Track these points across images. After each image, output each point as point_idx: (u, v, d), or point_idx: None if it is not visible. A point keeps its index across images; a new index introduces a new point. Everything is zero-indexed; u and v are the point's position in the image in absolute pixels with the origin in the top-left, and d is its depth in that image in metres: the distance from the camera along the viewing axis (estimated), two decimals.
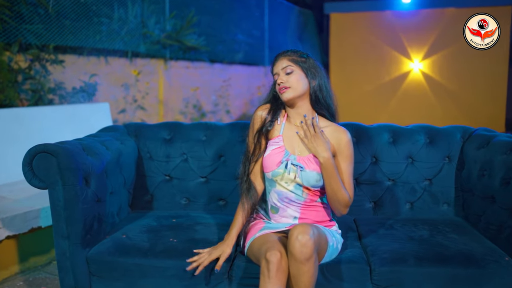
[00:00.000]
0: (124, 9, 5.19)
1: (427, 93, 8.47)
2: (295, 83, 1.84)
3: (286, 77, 1.85)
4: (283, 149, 1.88)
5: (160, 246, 1.93)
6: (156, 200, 2.45)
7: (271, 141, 1.91)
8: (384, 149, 2.38)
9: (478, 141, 2.27)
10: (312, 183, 1.83)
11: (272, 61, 1.94)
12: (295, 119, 1.91)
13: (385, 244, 1.96)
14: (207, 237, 2.00)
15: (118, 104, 5.12)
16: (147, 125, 2.54)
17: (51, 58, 3.90)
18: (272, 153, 1.87)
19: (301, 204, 1.88)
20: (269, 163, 1.86)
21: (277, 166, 1.84)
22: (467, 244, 1.95)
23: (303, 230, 1.62)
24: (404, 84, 8.60)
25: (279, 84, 1.85)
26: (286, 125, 1.92)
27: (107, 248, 1.93)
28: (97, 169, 2.01)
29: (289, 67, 1.85)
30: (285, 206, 1.88)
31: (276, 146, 1.89)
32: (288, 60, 1.87)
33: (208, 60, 6.66)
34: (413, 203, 2.39)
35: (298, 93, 1.84)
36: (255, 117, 1.96)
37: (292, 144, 1.90)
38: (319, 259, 1.77)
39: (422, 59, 8.41)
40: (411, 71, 8.51)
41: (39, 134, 3.38)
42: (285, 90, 1.84)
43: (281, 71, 1.86)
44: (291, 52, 1.90)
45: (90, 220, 1.94)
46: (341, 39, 8.91)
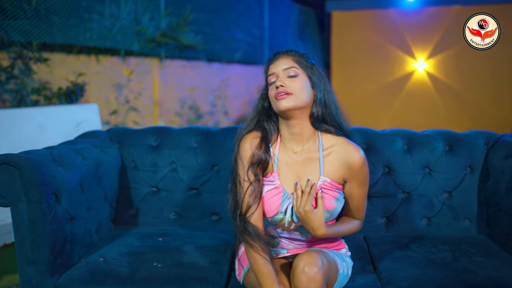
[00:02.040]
0: (116, 5, 4.92)
1: (432, 94, 8.22)
2: (299, 90, 1.47)
3: (289, 81, 1.48)
4: (281, 189, 1.52)
5: (142, 272, 1.66)
6: (141, 215, 2.19)
7: (265, 179, 1.54)
8: (397, 157, 2.12)
9: (505, 149, 2.00)
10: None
11: (269, 60, 1.56)
12: (291, 143, 1.54)
13: (402, 270, 1.70)
14: (196, 260, 1.74)
15: (110, 105, 4.85)
16: (131, 130, 2.27)
17: (34, 56, 3.63)
18: (267, 195, 1.51)
19: (307, 240, 1.58)
20: (266, 208, 1.52)
21: (276, 211, 1.50)
22: (498, 270, 1.68)
23: (310, 261, 1.36)
24: (408, 84, 8.36)
25: (277, 87, 1.46)
26: (280, 153, 1.55)
27: (80, 275, 1.66)
28: (70, 183, 1.74)
29: (293, 69, 1.49)
30: (288, 242, 1.60)
31: (272, 186, 1.52)
32: (293, 60, 1.51)
33: (206, 59, 6.40)
34: (430, 219, 2.12)
35: (300, 103, 1.47)
36: (242, 149, 1.53)
37: (290, 180, 1.53)
38: None
39: (427, 58, 8.16)
40: (415, 71, 8.27)
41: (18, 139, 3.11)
42: (285, 97, 1.45)
43: (281, 72, 1.50)
44: (296, 52, 1.55)
45: (60, 242, 1.67)
46: (343, 38, 8.67)
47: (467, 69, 7.95)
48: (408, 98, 8.35)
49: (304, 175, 1.53)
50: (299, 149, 1.54)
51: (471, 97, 8.02)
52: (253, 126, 1.57)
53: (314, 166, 1.53)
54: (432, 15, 8.08)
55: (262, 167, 1.53)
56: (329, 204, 1.51)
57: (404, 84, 8.38)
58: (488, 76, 7.89)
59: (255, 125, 1.57)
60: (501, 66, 7.77)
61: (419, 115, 8.11)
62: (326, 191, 1.51)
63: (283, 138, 1.56)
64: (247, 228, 1.47)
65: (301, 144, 1.55)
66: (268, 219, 1.55)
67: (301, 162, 1.54)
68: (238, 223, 1.49)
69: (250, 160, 1.51)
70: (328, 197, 1.51)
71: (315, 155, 1.54)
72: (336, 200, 1.52)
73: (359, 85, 8.55)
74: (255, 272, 1.45)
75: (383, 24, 8.38)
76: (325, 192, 1.51)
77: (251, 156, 1.52)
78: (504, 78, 7.84)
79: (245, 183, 1.51)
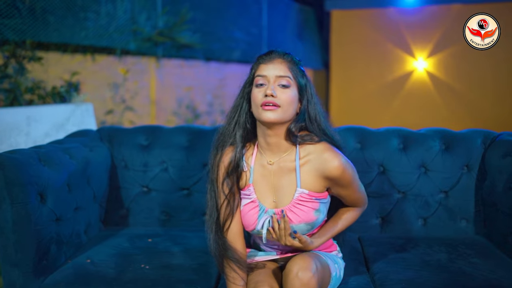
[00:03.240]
0: (112, 4, 4.88)
1: (432, 93, 8.17)
2: (287, 104, 1.37)
3: (280, 91, 1.38)
4: (257, 203, 1.46)
5: (129, 275, 1.62)
6: (132, 215, 2.15)
7: (242, 193, 1.49)
8: (393, 157, 2.07)
9: (503, 148, 1.96)
10: (304, 233, 1.45)
11: (262, 57, 1.44)
12: (267, 153, 1.46)
13: (396, 272, 1.65)
14: (184, 262, 1.70)
15: (105, 105, 4.81)
16: (122, 129, 2.23)
17: (28, 54, 3.59)
18: (245, 209, 1.47)
19: (291, 249, 1.52)
20: (245, 222, 1.48)
21: (254, 225, 1.46)
22: (495, 272, 1.64)
23: (304, 266, 1.31)
24: (408, 83, 8.31)
25: (267, 95, 1.37)
26: (256, 165, 1.48)
27: (65, 277, 1.62)
28: (56, 183, 1.70)
29: (287, 78, 1.39)
30: (274, 250, 1.55)
31: (248, 200, 1.47)
32: (288, 68, 1.40)
33: (203, 58, 6.35)
34: (426, 219, 2.07)
35: (285, 117, 1.38)
36: (219, 168, 1.48)
37: (266, 193, 1.47)
38: None
39: (427, 57, 8.12)
40: (415, 70, 8.22)
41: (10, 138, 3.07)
42: (272, 109, 1.35)
43: (274, 79, 1.39)
44: (292, 58, 1.44)
45: (46, 243, 1.63)
46: (342, 37, 8.62)
47: (467, 68, 7.89)
48: (408, 97, 8.30)
49: (280, 187, 1.46)
50: (275, 160, 1.47)
51: (471, 96, 7.97)
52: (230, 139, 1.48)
53: (291, 178, 1.45)
54: (432, 13, 8.03)
55: (237, 179, 1.48)
56: (309, 216, 1.43)
57: (403, 83, 8.33)
58: (488, 75, 7.84)
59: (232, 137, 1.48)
60: (502, 65, 7.71)
61: (419, 114, 8.05)
62: (305, 203, 1.44)
63: (260, 146, 1.49)
64: (224, 246, 1.45)
65: (277, 155, 1.47)
66: (251, 232, 1.50)
67: (277, 174, 1.46)
68: (216, 240, 1.47)
69: (225, 173, 1.47)
70: (307, 209, 1.43)
71: (291, 165, 1.45)
72: (316, 212, 1.45)
73: (358, 84, 8.50)
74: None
75: (382, 23, 8.33)
76: (303, 204, 1.44)
77: (226, 170, 1.47)
78: (504, 77, 7.78)
79: (221, 196, 1.47)
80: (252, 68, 1.47)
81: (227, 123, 1.49)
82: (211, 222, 1.48)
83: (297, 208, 1.44)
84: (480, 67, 7.82)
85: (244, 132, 1.47)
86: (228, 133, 1.48)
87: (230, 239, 1.48)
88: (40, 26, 4.07)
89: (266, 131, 1.43)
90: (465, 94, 7.99)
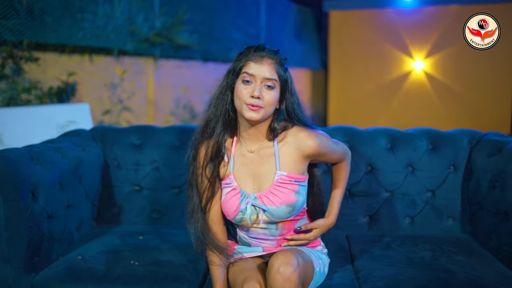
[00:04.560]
0: (110, 5, 4.91)
1: (430, 93, 8.20)
2: (270, 104, 1.45)
3: (265, 92, 1.43)
4: (238, 190, 1.52)
5: (119, 271, 1.65)
6: (124, 213, 2.18)
7: (223, 182, 1.55)
8: (381, 156, 2.11)
9: (488, 148, 1.99)
10: (285, 216, 1.51)
11: (251, 54, 1.45)
12: (247, 142, 1.53)
13: (380, 269, 1.69)
14: (173, 259, 1.74)
15: (103, 105, 4.85)
16: (114, 129, 2.27)
17: (24, 55, 3.62)
18: (227, 197, 1.52)
19: (277, 238, 1.57)
20: (227, 210, 1.52)
21: (236, 212, 1.50)
22: (477, 269, 1.67)
23: (286, 261, 1.35)
24: (406, 83, 8.34)
25: (253, 96, 1.42)
26: (236, 154, 1.54)
27: (56, 273, 1.66)
28: (48, 181, 1.74)
29: (273, 81, 1.44)
30: (258, 243, 1.59)
31: (230, 188, 1.53)
32: (275, 70, 1.45)
33: (201, 59, 6.38)
34: (413, 218, 2.11)
35: (265, 116, 1.46)
36: (199, 157, 1.54)
37: (247, 180, 1.53)
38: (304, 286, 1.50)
39: (425, 57, 8.14)
40: (413, 70, 8.25)
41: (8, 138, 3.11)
42: (256, 109, 1.42)
43: (261, 80, 1.43)
44: (279, 57, 1.48)
45: (37, 240, 1.66)
46: (340, 37, 8.65)
47: (465, 69, 7.91)
48: (406, 97, 8.32)
49: (260, 173, 1.52)
50: (255, 147, 1.53)
51: (469, 96, 7.99)
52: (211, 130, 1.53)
53: (270, 163, 1.52)
54: (429, 14, 8.06)
55: (218, 164, 1.54)
56: (289, 198, 1.49)
57: (401, 84, 8.36)
58: (486, 76, 7.86)
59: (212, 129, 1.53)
60: (500, 66, 7.73)
61: (417, 114, 8.08)
62: (284, 185, 1.50)
63: (240, 136, 1.55)
64: (204, 230, 1.51)
65: (257, 143, 1.54)
66: (233, 221, 1.54)
67: (257, 161, 1.53)
68: (196, 225, 1.52)
69: (208, 158, 1.52)
70: (287, 191, 1.49)
71: (270, 150, 1.52)
72: (295, 193, 1.50)
73: (356, 85, 8.52)
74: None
75: (380, 23, 8.36)
76: (282, 186, 1.50)
77: (209, 155, 1.52)
78: (502, 77, 7.80)
79: (204, 180, 1.52)
80: (240, 60, 1.48)
81: (211, 111, 1.53)
82: (192, 206, 1.54)
83: (277, 191, 1.49)
84: (478, 68, 7.84)
85: (227, 120, 1.52)
86: (211, 120, 1.53)
87: (210, 223, 1.54)
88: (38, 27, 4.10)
89: (247, 124, 1.50)
90: (463, 95, 8.01)
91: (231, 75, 1.49)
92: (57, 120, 3.56)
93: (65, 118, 3.61)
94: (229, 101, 1.50)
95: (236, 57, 1.51)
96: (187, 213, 1.57)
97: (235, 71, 1.48)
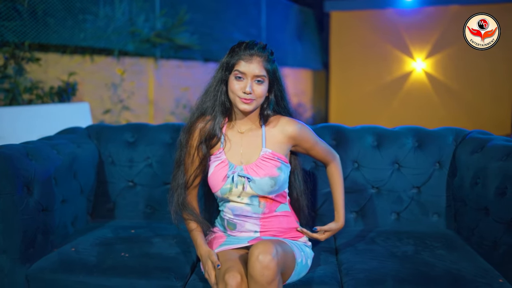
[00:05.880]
0: (110, 7, 4.99)
1: (430, 93, 8.22)
2: (260, 96, 1.63)
3: (255, 86, 1.61)
4: (226, 162, 1.67)
5: (109, 262, 1.72)
6: (118, 209, 2.25)
7: (212, 157, 1.70)
8: (367, 153, 2.16)
9: (472, 145, 2.04)
10: (267, 189, 1.64)
11: (242, 53, 1.60)
12: (238, 125, 1.72)
13: (362, 262, 1.74)
14: (162, 251, 1.80)
15: (104, 104, 4.93)
16: (109, 126, 2.33)
17: (26, 56, 3.71)
18: (215, 170, 1.67)
19: (259, 217, 1.67)
20: (215, 181, 1.67)
21: (224, 182, 1.64)
22: (457, 263, 1.72)
23: (264, 249, 1.42)
24: (407, 84, 8.37)
25: (245, 92, 1.59)
26: (228, 134, 1.72)
27: (50, 264, 1.73)
28: (43, 176, 1.81)
29: (262, 77, 1.61)
30: (242, 221, 1.68)
31: (219, 161, 1.68)
32: (264, 67, 1.61)
33: (202, 59, 6.46)
34: (399, 214, 2.16)
35: (257, 106, 1.65)
36: (193, 131, 1.71)
37: (235, 155, 1.69)
38: (285, 279, 1.56)
39: (425, 58, 8.17)
40: (413, 70, 8.28)
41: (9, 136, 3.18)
42: (249, 102, 1.61)
43: (252, 77, 1.59)
44: (266, 52, 1.63)
45: (32, 232, 1.73)
46: (341, 38, 8.69)
47: (466, 69, 7.94)
48: (406, 97, 8.36)
49: (248, 150, 1.69)
50: (245, 129, 1.71)
51: (469, 96, 8.01)
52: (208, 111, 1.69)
53: (257, 142, 1.69)
54: (430, 15, 8.09)
55: (211, 144, 1.70)
56: (272, 171, 1.64)
57: (402, 84, 8.39)
58: (486, 76, 7.88)
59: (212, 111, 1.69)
60: (500, 66, 7.75)
61: (417, 114, 8.11)
62: (268, 160, 1.66)
63: (233, 120, 1.72)
64: (184, 202, 1.68)
65: (247, 126, 1.72)
66: (218, 193, 1.66)
67: (246, 140, 1.70)
68: (177, 198, 1.69)
69: (198, 142, 1.69)
70: (271, 166, 1.65)
71: (258, 132, 1.71)
72: (278, 169, 1.65)
73: (357, 85, 8.57)
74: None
75: (381, 24, 8.40)
76: (266, 161, 1.66)
77: (199, 137, 1.69)
78: (502, 77, 7.82)
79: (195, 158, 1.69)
80: (232, 56, 1.62)
81: (208, 100, 1.69)
82: (176, 183, 1.70)
83: (262, 164, 1.65)
84: (478, 68, 7.86)
85: (224, 109, 1.70)
86: (208, 107, 1.69)
87: (190, 198, 1.74)
88: (40, 28, 4.19)
89: (241, 113, 1.69)
90: (463, 95, 8.04)
91: (225, 70, 1.64)
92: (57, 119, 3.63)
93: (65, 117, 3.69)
94: (224, 92, 1.66)
95: (229, 49, 1.66)
96: (170, 189, 1.73)
97: (228, 67, 1.63)
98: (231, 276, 1.45)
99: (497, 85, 7.87)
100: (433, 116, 8.02)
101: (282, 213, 1.72)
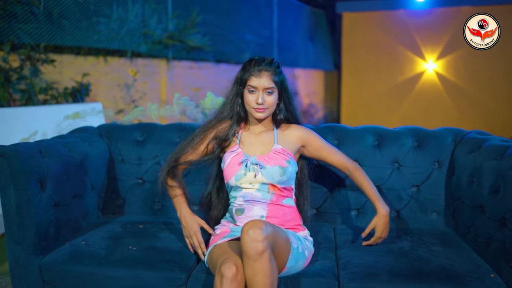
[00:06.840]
0: (124, 9, 5.12)
1: (442, 95, 8.20)
2: (272, 105, 1.85)
3: (266, 97, 1.83)
4: (242, 154, 1.88)
5: (117, 254, 1.81)
6: (127, 205, 2.34)
7: (229, 151, 1.91)
8: (367, 153, 2.22)
9: (469, 145, 2.09)
10: (277, 178, 1.82)
11: (252, 69, 1.82)
12: (254, 127, 1.94)
13: (359, 257, 1.80)
14: (168, 245, 1.88)
15: (117, 105, 5.05)
16: (119, 126, 2.43)
17: (41, 57, 3.84)
18: (231, 160, 1.87)
19: (267, 202, 1.82)
20: (230, 169, 1.86)
21: (239, 167, 1.83)
22: (451, 258, 1.77)
23: (254, 225, 1.53)
24: (418, 85, 8.36)
25: (258, 103, 1.82)
26: (243, 136, 1.93)
27: (62, 256, 1.83)
28: (55, 172, 1.91)
29: (271, 88, 1.83)
30: (251, 205, 1.82)
31: (235, 153, 1.88)
32: (272, 80, 1.83)
33: (214, 60, 6.55)
34: (399, 211, 2.22)
35: (270, 114, 1.88)
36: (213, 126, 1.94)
37: (250, 148, 1.91)
38: (282, 261, 1.65)
39: (437, 59, 8.15)
40: (425, 71, 8.26)
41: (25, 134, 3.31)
42: (262, 111, 1.83)
43: (263, 90, 1.81)
44: (273, 66, 1.84)
45: (45, 225, 1.84)
46: (353, 39, 8.71)
47: (477, 70, 7.90)
48: (417, 98, 8.34)
49: (261, 145, 1.90)
50: (259, 131, 1.94)
51: (481, 97, 7.97)
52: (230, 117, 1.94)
53: (270, 140, 1.92)
54: (441, 16, 8.06)
55: (223, 146, 1.92)
56: (281, 162, 1.85)
57: (413, 85, 8.38)
58: (498, 77, 7.83)
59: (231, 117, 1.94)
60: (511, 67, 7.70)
61: (429, 115, 8.09)
62: (279, 153, 1.87)
63: (249, 123, 1.94)
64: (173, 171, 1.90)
65: (261, 129, 1.94)
66: (233, 180, 1.83)
67: (260, 138, 1.93)
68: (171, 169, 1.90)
69: (216, 135, 1.92)
70: (280, 158, 1.86)
71: (271, 133, 1.94)
72: (287, 161, 1.86)
73: (369, 86, 8.58)
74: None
75: (393, 25, 8.40)
76: (277, 154, 1.87)
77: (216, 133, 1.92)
78: None
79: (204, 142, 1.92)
80: (244, 73, 1.86)
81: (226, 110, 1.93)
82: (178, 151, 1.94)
83: (273, 156, 1.86)
84: (490, 69, 7.81)
85: (239, 118, 1.94)
86: (225, 117, 1.94)
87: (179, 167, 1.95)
88: (56, 30, 4.33)
89: (255, 120, 1.92)
90: (475, 96, 8.00)
91: (239, 85, 1.88)
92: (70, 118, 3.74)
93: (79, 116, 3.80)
94: (239, 104, 1.90)
95: (242, 66, 1.89)
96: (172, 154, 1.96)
97: (241, 82, 1.87)
98: (227, 268, 1.52)
99: (509, 86, 7.81)
100: (445, 117, 7.99)
101: (288, 206, 1.85)
